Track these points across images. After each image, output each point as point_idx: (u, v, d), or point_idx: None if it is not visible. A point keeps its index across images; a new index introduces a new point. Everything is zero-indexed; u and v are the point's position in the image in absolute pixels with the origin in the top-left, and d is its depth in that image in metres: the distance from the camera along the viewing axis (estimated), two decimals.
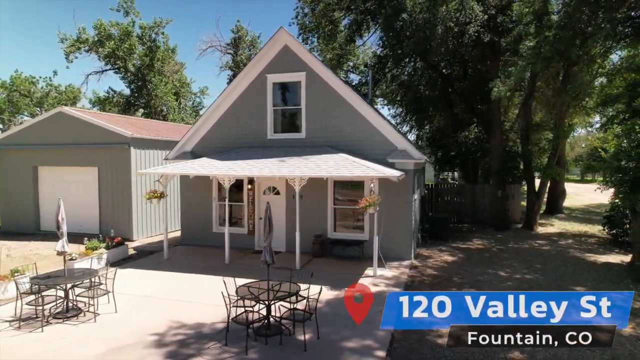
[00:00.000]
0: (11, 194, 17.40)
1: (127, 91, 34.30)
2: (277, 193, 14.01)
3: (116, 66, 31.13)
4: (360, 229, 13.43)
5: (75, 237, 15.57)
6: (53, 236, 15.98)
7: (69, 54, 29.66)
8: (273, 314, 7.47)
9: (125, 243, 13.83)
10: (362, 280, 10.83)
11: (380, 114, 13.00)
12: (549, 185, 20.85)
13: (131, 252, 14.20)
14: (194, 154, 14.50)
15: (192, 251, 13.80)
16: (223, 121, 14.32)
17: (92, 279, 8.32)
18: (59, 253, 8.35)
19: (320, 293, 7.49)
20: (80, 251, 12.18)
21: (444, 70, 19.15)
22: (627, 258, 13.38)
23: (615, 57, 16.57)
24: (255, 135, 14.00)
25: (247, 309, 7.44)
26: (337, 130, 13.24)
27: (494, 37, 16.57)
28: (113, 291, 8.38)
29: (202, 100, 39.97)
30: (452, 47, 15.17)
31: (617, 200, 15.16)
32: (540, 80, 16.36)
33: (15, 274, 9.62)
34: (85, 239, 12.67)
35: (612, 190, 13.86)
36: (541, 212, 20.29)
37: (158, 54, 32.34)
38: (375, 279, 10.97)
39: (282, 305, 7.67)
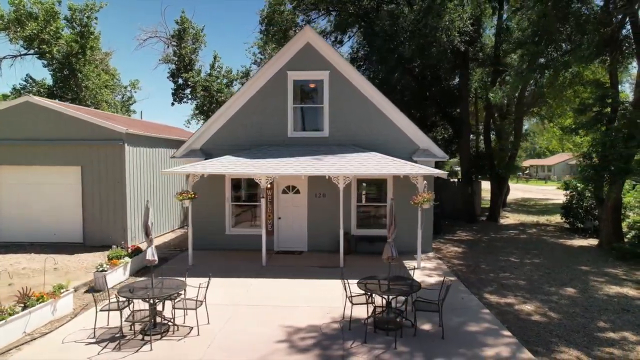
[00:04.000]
0: None
1: (49, 80, 30.07)
2: (297, 192, 13.85)
3: (40, 51, 27.07)
4: (384, 226, 13.88)
5: (53, 247, 13.69)
6: (18, 247, 13.89)
7: None
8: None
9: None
10: (410, 272, 11.35)
11: (403, 112, 13.57)
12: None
13: None
14: (204, 152, 13.66)
15: (210, 256, 12.96)
16: (238, 119, 13.71)
17: (181, 291, 7.52)
18: (149, 262, 7.42)
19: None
20: (100, 262, 10.78)
21: (417, 75, 20.48)
22: (592, 241, 15.89)
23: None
24: (274, 133, 13.66)
25: (376, 306, 7.52)
26: (361, 129, 13.56)
27: (468, 46, 18.34)
28: (205, 302, 7.68)
29: (133, 95, 36.74)
30: (433, 53, 16.40)
31: (573, 193, 17.91)
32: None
33: (62, 290, 8.32)
34: (116, 246, 11.18)
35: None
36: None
37: (90, 42, 28.96)
38: (423, 270, 11.58)
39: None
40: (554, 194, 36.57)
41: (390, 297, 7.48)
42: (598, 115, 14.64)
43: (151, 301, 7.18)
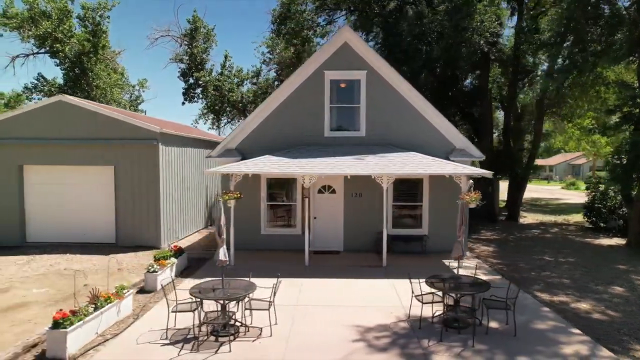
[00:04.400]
0: None
1: (60, 79, 29.76)
2: (333, 192, 13.85)
3: (52, 50, 26.76)
4: (419, 225, 13.96)
5: (87, 248, 13.56)
6: (51, 248, 13.68)
7: None
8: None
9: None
10: (455, 271, 11.42)
11: (440, 112, 13.63)
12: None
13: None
14: (240, 152, 13.60)
15: (248, 256, 12.83)
16: (273, 119, 13.67)
17: (251, 293, 7.47)
18: (220, 262, 7.37)
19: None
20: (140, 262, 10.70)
21: (439, 75, 20.56)
22: (619, 241, 16.05)
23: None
24: (311, 133, 13.65)
25: (447, 305, 7.55)
26: (397, 129, 13.59)
27: (491, 47, 18.47)
28: (274, 303, 7.61)
29: (142, 94, 36.48)
30: (463, 54, 16.49)
31: (594, 193, 18.09)
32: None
33: (124, 291, 8.26)
34: (168, 246, 11.08)
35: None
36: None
37: (102, 40, 28.71)
38: (466, 269, 11.61)
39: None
40: (561, 193, 36.94)
41: (459, 295, 7.53)
42: (627, 116, 14.81)
43: (223, 302, 7.14)
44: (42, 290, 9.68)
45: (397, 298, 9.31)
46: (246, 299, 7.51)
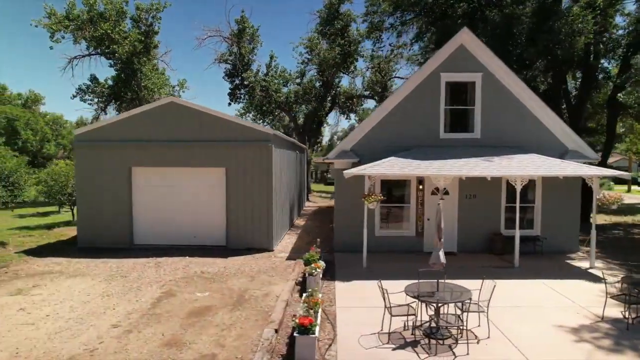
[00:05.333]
0: (93, 202, 14.13)
1: (110, 80, 29.53)
2: (446, 193, 13.86)
3: (109, 51, 26.58)
4: (530, 226, 14.01)
5: (200, 250, 13.50)
6: (158, 250, 13.61)
7: (55, 32, 24.48)
8: None
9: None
10: (592, 272, 11.53)
11: (554, 113, 13.71)
12: None
13: (292, 262, 12.78)
14: (356, 153, 13.63)
15: (376, 258, 12.71)
16: (389, 120, 13.70)
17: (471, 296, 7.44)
18: (436, 265, 7.38)
19: None
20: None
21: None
22: None
23: None
24: (426, 134, 13.69)
25: None
26: (512, 131, 13.65)
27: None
28: (488, 306, 7.57)
29: (181, 95, 36.28)
30: (560, 56, 16.57)
31: None
32: None
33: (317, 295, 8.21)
34: (316, 249, 11.04)
35: None
36: None
37: (153, 41, 28.58)
38: (597, 270, 11.66)
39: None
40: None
41: None
42: None
43: (436, 305, 7.14)
44: (206, 294, 9.63)
45: (563, 297, 9.40)
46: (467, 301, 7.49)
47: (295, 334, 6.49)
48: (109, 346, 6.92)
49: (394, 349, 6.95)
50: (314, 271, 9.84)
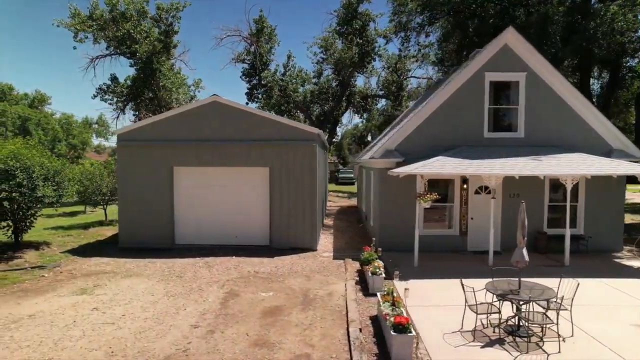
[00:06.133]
0: (135, 202, 14.10)
1: (129, 80, 29.48)
2: (489, 192, 13.89)
3: (130, 50, 26.52)
4: (573, 225, 14.03)
5: (245, 250, 13.51)
6: (198, 251, 13.59)
7: (79, 32, 24.41)
8: None
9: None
10: None
11: (599, 112, 13.75)
12: None
13: (341, 261, 12.80)
14: (400, 153, 13.64)
15: (410, 256, 12.79)
16: (433, 120, 13.71)
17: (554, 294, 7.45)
18: (520, 263, 7.41)
19: None
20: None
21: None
22: None
23: None
24: (470, 133, 13.72)
25: None
26: (557, 130, 13.69)
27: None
28: (572, 306, 7.55)
29: (196, 95, 36.27)
30: (597, 55, 16.65)
31: None
32: None
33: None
34: (379, 249, 11.05)
35: None
36: None
37: (172, 41, 28.54)
38: None
39: None
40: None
41: None
42: None
43: (518, 303, 7.18)
44: (270, 294, 9.63)
45: (629, 296, 9.45)
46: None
47: (392, 333, 6.49)
48: (199, 346, 6.92)
49: (482, 347, 6.97)
50: (377, 270, 9.85)
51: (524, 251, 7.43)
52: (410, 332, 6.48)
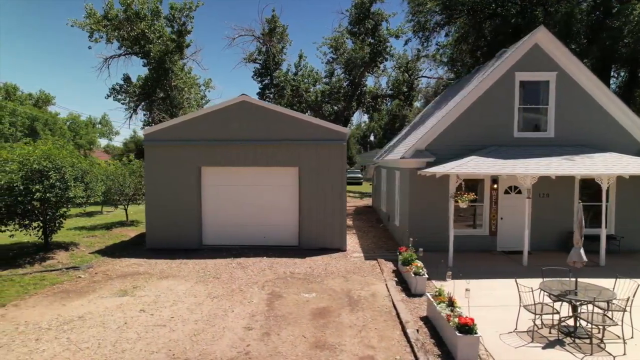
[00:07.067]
0: (162, 202, 14.02)
1: (140, 80, 29.37)
2: (519, 192, 13.88)
3: (143, 50, 26.42)
4: (599, 224, 13.99)
5: (275, 251, 13.44)
6: (227, 251, 13.55)
7: (94, 31, 24.31)
8: None
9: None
10: None
11: (632, 112, 13.72)
12: None
13: (374, 262, 12.75)
14: (431, 152, 13.60)
15: (441, 257, 12.73)
16: (463, 120, 13.67)
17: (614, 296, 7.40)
18: (577, 263, 7.37)
19: None
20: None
21: None
22: None
23: None
24: (500, 133, 13.68)
25: None
26: (587, 129, 13.64)
27: None
28: (631, 306, 7.47)
29: (206, 94, 36.18)
30: (624, 54, 16.63)
31: None
32: None
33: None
34: (420, 249, 11.00)
35: None
36: None
37: (185, 41, 28.43)
38: None
39: None
40: None
41: None
42: None
43: (573, 303, 7.14)
44: (313, 295, 9.57)
45: None
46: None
47: (457, 334, 6.45)
48: (260, 348, 6.86)
49: (543, 348, 6.93)
50: (420, 271, 9.80)
51: (582, 251, 7.40)
52: (476, 332, 6.43)
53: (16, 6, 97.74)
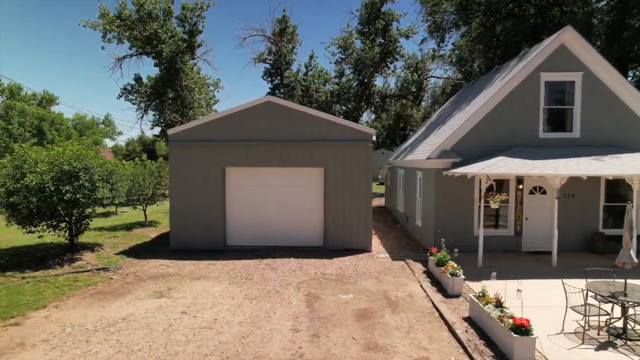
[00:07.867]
0: (186, 203, 13.99)
1: (151, 80, 29.32)
2: (544, 193, 13.88)
3: (156, 50, 26.36)
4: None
5: (301, 252, 13.45)
6: (252, 252, 13.54)
7: (107, 32, 24.24)
8: None
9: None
10: None
11: None
12: None
13: (402, 262, 12.74)
14: (457, 153, 13.59)
15: (466, 257, 12.70)
16: (488, 120, 13.66)
17: None
18: (624, 263, 7.36)
19: None
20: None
21: None
22: None
23: None
24: (525, 134, 13.67)
25: None
26: (613, 130, 13.63)
27: None
28: None
29: (215, 95, 36.13)
30: None
31: None
32: None
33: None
34: (455, 249, 11.00)
35: None
36: None
37: (196, 40, 28.39)
38: None
39: None
40: None
41: None
42: None
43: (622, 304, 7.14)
44: (350, 296, 9.55)
45: None
46: None
47: (513, 335, 6.43)
48: (312, 350, 6.84)
49: (596, 350, 6.91)
50: (457, 272, 9.78)
51: (632, 252, 7.38)
52: (532, 334, 6.42)
53: (16, 6, 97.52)
